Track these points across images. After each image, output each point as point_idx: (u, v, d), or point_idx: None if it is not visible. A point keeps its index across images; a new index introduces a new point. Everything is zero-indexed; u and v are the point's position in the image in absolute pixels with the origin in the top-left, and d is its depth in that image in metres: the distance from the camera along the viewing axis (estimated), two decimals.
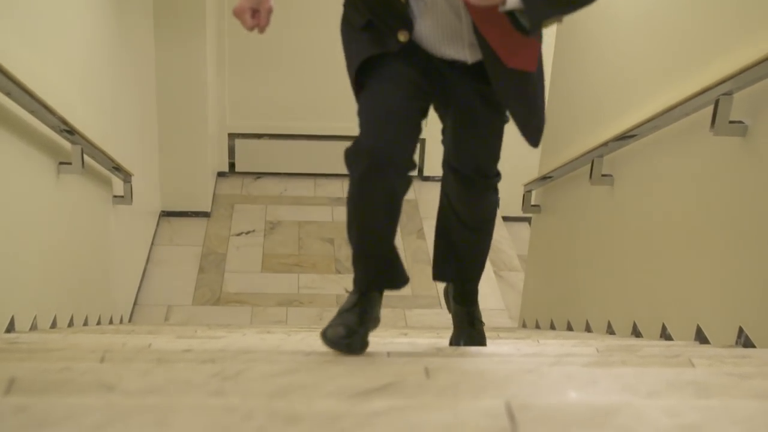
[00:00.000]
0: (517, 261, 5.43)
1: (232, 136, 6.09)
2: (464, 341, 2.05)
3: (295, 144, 6.14)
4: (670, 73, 2.63)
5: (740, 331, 2.07)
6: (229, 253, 5.24)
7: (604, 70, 3.33)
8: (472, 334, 2.05)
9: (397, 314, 4.67)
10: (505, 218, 5.74)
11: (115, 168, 3.58)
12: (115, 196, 3.83)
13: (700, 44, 2.43)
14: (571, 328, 3.53)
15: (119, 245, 4.05)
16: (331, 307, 4.72)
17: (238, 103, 5.99)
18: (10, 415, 0.91)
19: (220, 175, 6.18)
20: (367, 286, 1.75)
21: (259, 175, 6.24)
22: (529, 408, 0.95)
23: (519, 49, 1.63)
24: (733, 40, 2.21)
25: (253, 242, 5.39)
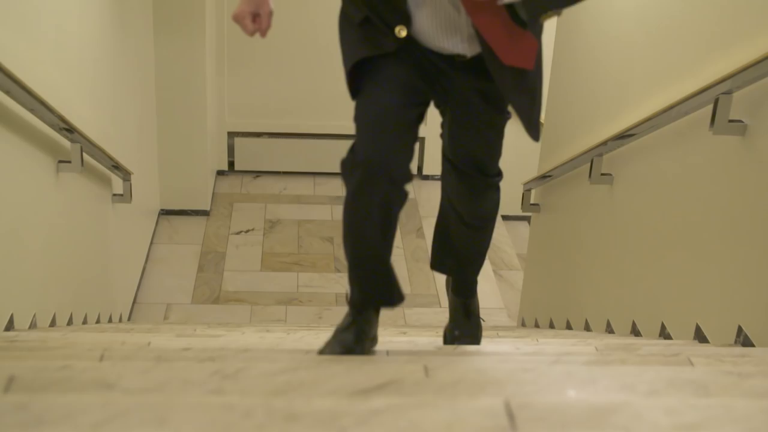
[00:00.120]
0: (517, 260, 5.43)
1: (232, 135, 6.09)
2: (459, 331, 2.04)
3: (295, 142, 6.13)
4: (670, 71, 2.63)
5: (739, 330, 2.07)
6: (229, 252, 5.23)
7: (604, 69, 3.32)
8: (467, 325, 2.04)
9: (396, 313, 4.67)
10: (505, 217, 5.74)
11: (115, 166, 3.58)
12: (115, 195, 3.83)
13: (700, 43, 2.43)
14: (570, 327, 3.53)
15: (118, 244, 4.05)
16: (331, 306, 4.73)
17: (237, 102, 5.98)
18: (10, 413, 0.91)
19: (220, 173, 6.17)
20: (363, 304, 1.72)
21: (258, 174, 6.23)
22: (528, 407, 0.95)
23: (516, 46, 1.58)
24: (733, 39, 2.21)
25: (253, 241, 5.39)
